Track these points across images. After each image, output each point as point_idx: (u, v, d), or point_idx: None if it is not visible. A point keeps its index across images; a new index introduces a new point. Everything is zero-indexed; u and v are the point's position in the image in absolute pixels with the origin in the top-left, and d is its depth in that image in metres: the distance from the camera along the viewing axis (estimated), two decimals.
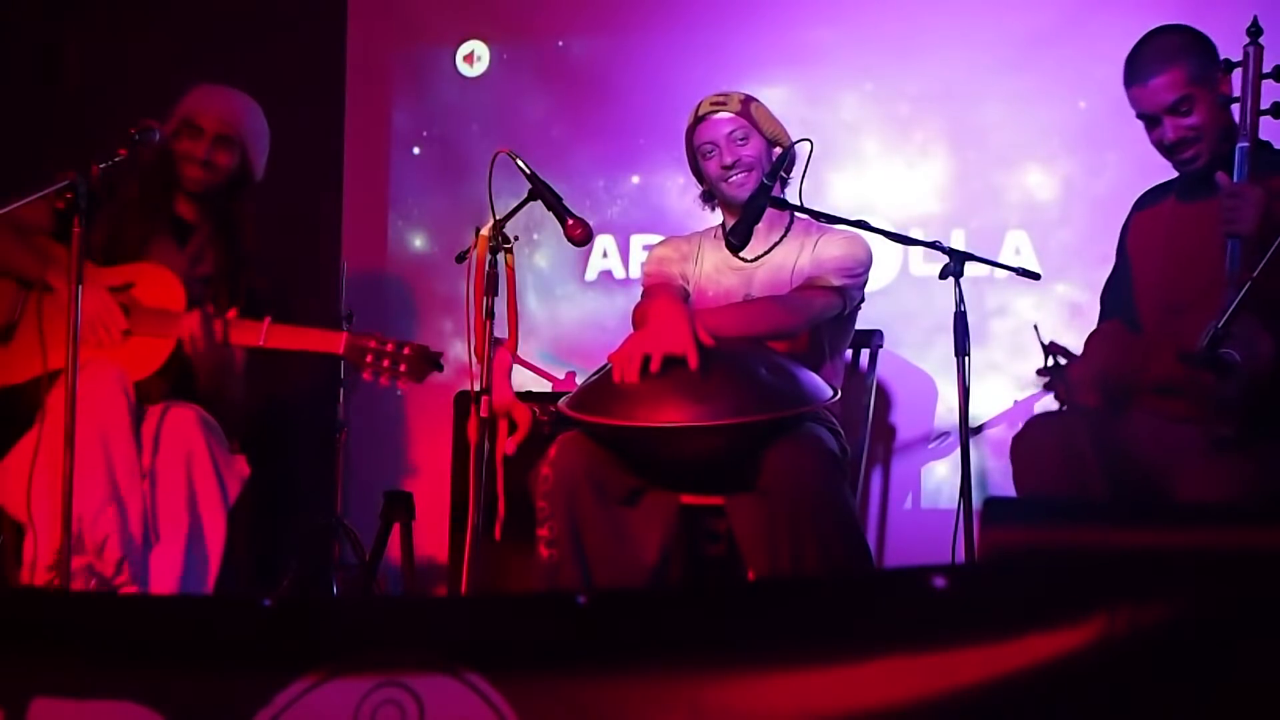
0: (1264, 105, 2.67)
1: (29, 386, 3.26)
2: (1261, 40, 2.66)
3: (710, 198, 3.38)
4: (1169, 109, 2.87)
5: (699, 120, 3.29)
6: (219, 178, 3.51)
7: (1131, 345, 2.95)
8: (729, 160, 3.24)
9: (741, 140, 3.24)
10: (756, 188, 3.07)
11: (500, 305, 2.81)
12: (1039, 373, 2.83)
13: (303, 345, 3.33)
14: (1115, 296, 3.09)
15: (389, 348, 3.25)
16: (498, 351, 2.81)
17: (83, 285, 2.93)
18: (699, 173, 3.36)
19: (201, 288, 3.43)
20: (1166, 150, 2.92)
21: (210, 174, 3.50)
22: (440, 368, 3.32)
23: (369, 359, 3.25)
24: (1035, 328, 2.83)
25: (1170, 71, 2.87)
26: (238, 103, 3.60)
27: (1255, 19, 2.68)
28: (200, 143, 3.48)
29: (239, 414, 3.49)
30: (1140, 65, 2.91)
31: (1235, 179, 2.66)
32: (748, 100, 3.28)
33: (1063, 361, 2.82)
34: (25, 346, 3.30)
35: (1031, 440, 2.81)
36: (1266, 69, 2.68)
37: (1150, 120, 2.91)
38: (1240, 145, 2.67)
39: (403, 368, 3.25)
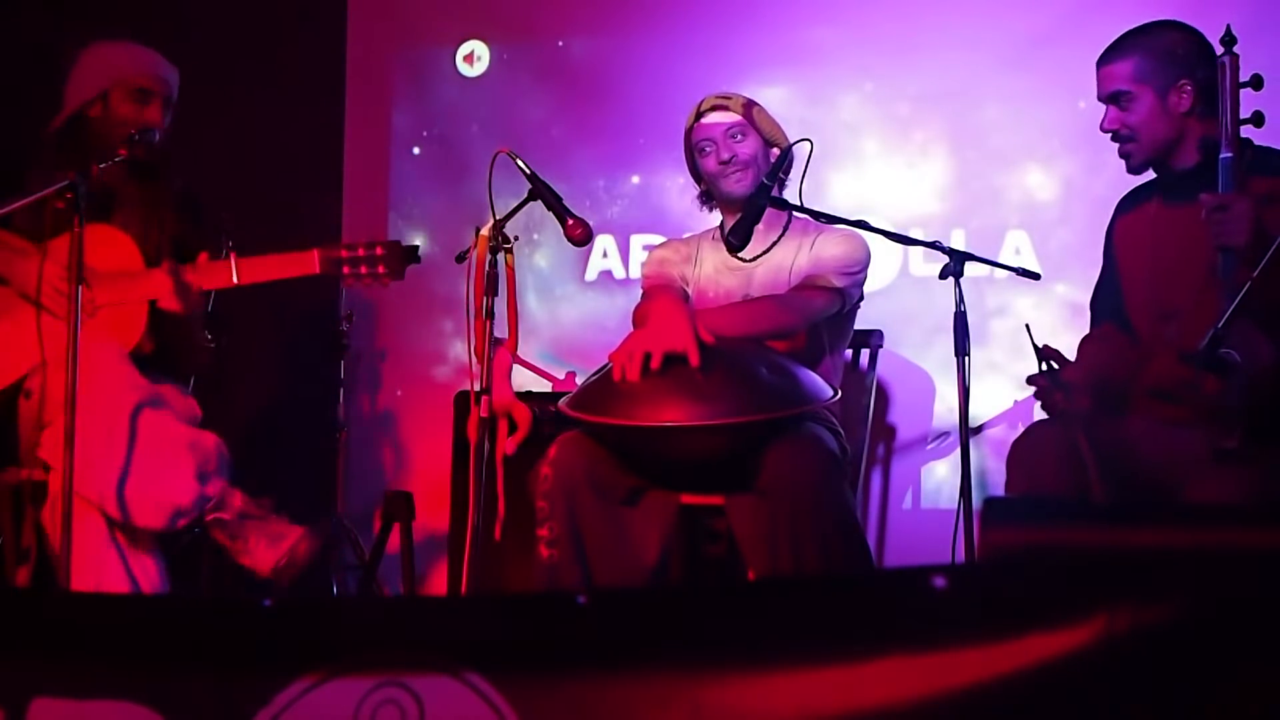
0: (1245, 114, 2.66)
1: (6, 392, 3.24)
2: (1237, 49, 2.64)
3: (709, 198, 3.39)
4: (1109, 98, 2.90)
5: (696, 119, 3.30)
6: (159, 140, 3.42)
7: (1126, 349, 2.94)
8: (725, 156, 3.24)
9: (738, 138, 3.25)
10: (756, 188, 3.08)
11: (500, 305, 2.81)
12: (1029, 380, 2.81)
13: (276, 274, 3.24)
14: (1105, 301, 3.08)
15: (361, 252, 3.20)
16: (498, 351, 2.81)
17: (25, 263, 2.89)
18: (697, 173, 3.36)
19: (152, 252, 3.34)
20: (1112, 138, 2.95)
21: (159, 137, 3.39)
22: (418, 259, 3.25)
23: (345, 269, 3.20)
24: (1027, 328, 2.82)
25: (1119, 62, 2.90)
26: (169, 65, 3.50)
27: (1228, 28, 2.66)
28: (151, 109, 3.39)
29: (206, 362, 3.44)
30: (1108, 48, 2.94)
31: (1220, 189, 2.65)
32: (745, 101, 3.29)
33: (1055, 367, 2.81)
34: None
35: (1031, 446, 2.80)
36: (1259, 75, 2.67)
37: (1105, 104, 2.95)
38: (1223, 156, 2.65)
39: (380, 269, 3.21)
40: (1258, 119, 2.64)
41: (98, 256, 3.27)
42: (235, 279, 3.22)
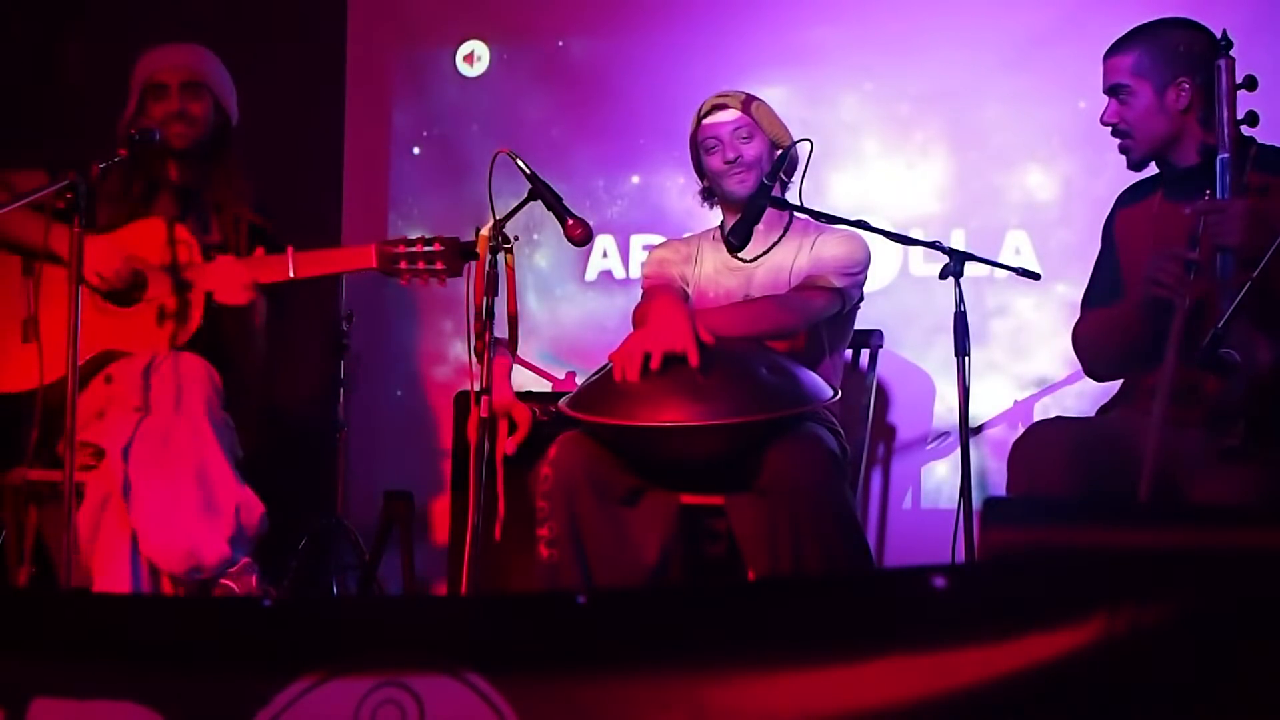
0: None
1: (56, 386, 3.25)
2: (1235, 51, 2.66)
3: (710, 195, 3.39)
4: (1108, 90, 2.93)
5: (705, 115, 3.30)
6: (200, 129, 3.42)
7: None
8: (731, 155, 3.24)
9: (745, 138, 3.25)
10: (756, 188, 3.08)
11: (500, 305, 2.81)
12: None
13: (334, 268, 3.25)
14: (1104, 286, 3.07)
15: (419, 247, 3.16)
16: (498, 351, 2.81)
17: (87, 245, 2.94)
18: (700, 169, 3.36)
19: (219, 256, 3.36)
20: (1112, 132, 2.96)
21: (190, 126, 3.41)
22: (475, 256, 3.10)
23: (403, 264, 3.16)
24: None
25: (1122, 55, 2.92)
26: (192, 51, 3.52)
27: (1225, 32, 2.68)
28: (169, 98, 3.41)
29: (260, 372, 3.45)
30: (1116, 40, 2.96)
31: (1218, 190, 2.66)
32: (753, 100, 3.29)
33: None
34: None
35: (1031, 446, 2.80)
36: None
37: (1107, 97, 2.96)
38: (1221, 157, 2.66)
39: (438, 265, 3.16)
40: (1251, 118, 2.66)
41: (152, 249, 3.30)
42: (292, 273, 3.22)
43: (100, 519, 3.03)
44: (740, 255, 3.25)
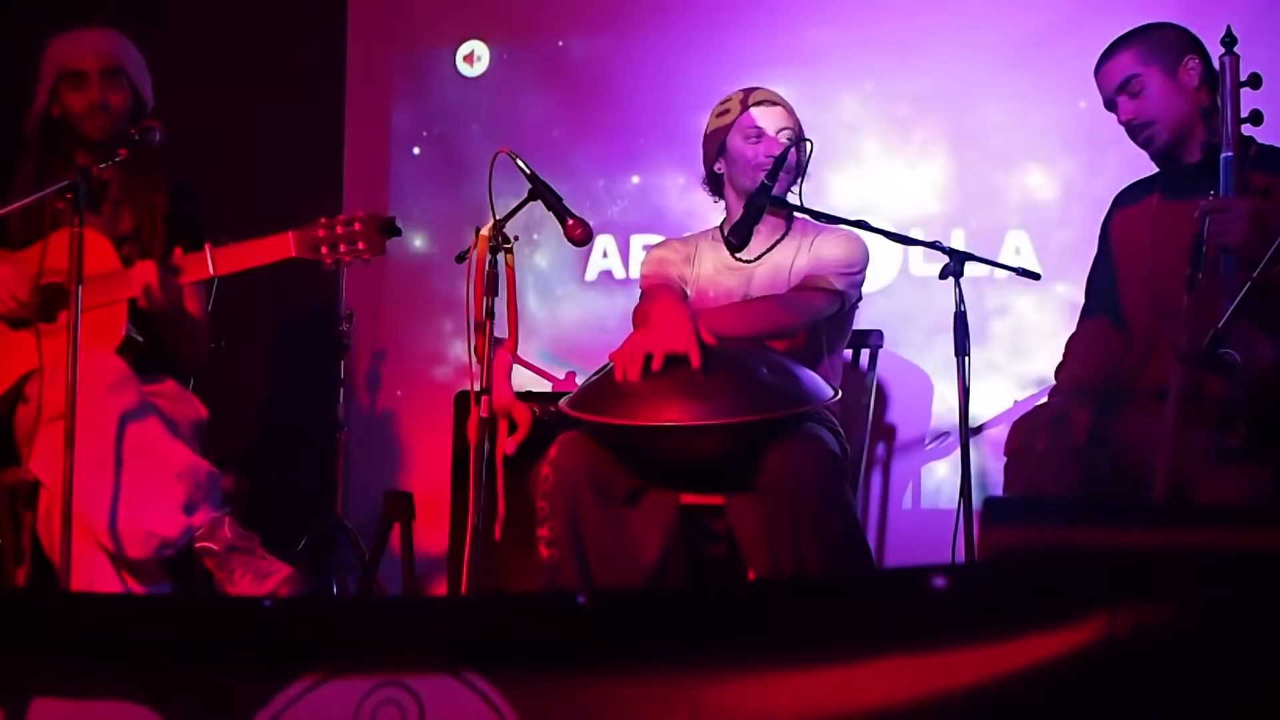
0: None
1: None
2: (1237, 50, 2.67)
3: (717, 184, 3.36)
4: (1119, 89, 2.93)
5: (755, 104, 3.28)
6: (118, 119, 3.31)
7: (1119, 347, 2.94)
8: (777, 152, 3.22)
9: (788, 141, 3.24)
10: (757, 188, 3.07)
11: (500, 305, 2.81)
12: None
13: (253, 261, 3.12)
14: (1101, 292, 3.09)
15: (339, 229, 3.08)
16: (498, 351, 2.80)
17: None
18: (719, 154, 3.32)
19: (130, 246, 3.26)
20: (1130, 133, 2.96)
21: (109, 117, 3.30)
22: (397, 231, 3.12)
23: (324, 249, 3.08)
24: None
25: (1120, 54, 2.94)
26: (108, 35, 3.40)
27: (1229, 29, 2.68)
28: (88, 88, 3.30)
29: (206, 361, 3.39)
30: (1103, 52, 2.98)
31: (1221, 188, 2.66)
32: (793, 112, 3.30)
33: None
34: None
35: (1029, 439, 2.80)
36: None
37: (1111, 105, 2.97)
38: (1224, 155, 2.67)
39: (360, 245, 3.07)
40: (1256, 117, 2.66)
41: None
42: (211, 269, 3.12)
43: (53, 530, 3.01)
44: (740, 255, 3.25)
